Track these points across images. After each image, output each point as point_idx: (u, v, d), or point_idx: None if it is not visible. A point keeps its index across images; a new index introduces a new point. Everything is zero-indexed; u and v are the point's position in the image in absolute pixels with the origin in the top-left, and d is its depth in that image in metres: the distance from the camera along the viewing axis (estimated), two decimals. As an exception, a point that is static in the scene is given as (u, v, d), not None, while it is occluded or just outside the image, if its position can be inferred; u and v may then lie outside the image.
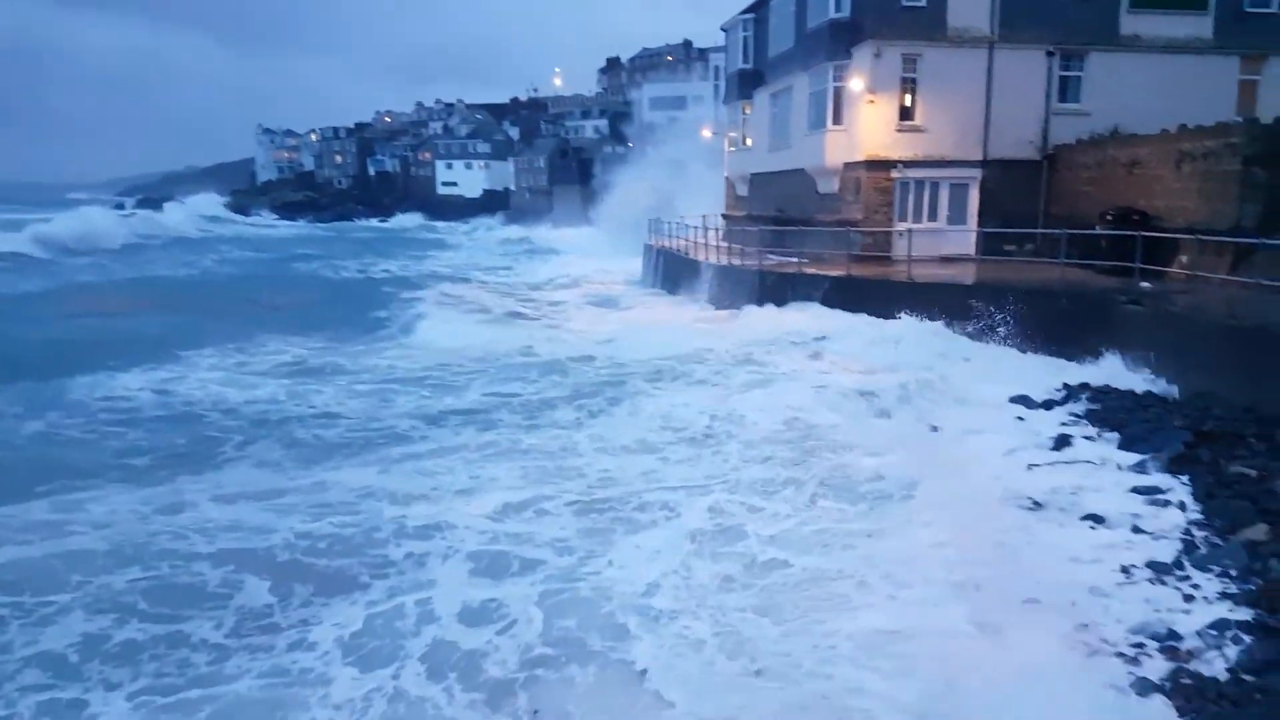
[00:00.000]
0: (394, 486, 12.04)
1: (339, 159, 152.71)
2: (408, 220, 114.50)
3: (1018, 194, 26.86)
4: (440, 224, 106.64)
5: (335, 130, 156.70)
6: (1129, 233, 19.72)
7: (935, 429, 14.63)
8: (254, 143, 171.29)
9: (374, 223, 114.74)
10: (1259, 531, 9.20)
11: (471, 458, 13.42)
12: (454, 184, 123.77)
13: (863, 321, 21.45)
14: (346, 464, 13.30)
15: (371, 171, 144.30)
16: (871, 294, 22.39)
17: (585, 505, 11.28)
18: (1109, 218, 22.38)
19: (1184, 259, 20.16)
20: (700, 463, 12.93)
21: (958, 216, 27.07)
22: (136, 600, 8.62)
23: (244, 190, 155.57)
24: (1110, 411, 14.55)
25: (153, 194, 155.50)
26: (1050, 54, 26.98)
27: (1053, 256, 23.16)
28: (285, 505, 11.23)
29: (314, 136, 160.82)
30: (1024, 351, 18.68)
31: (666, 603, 8.51)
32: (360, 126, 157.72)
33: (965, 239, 26.43)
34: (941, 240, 26.27)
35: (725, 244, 31.33)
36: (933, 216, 27.13)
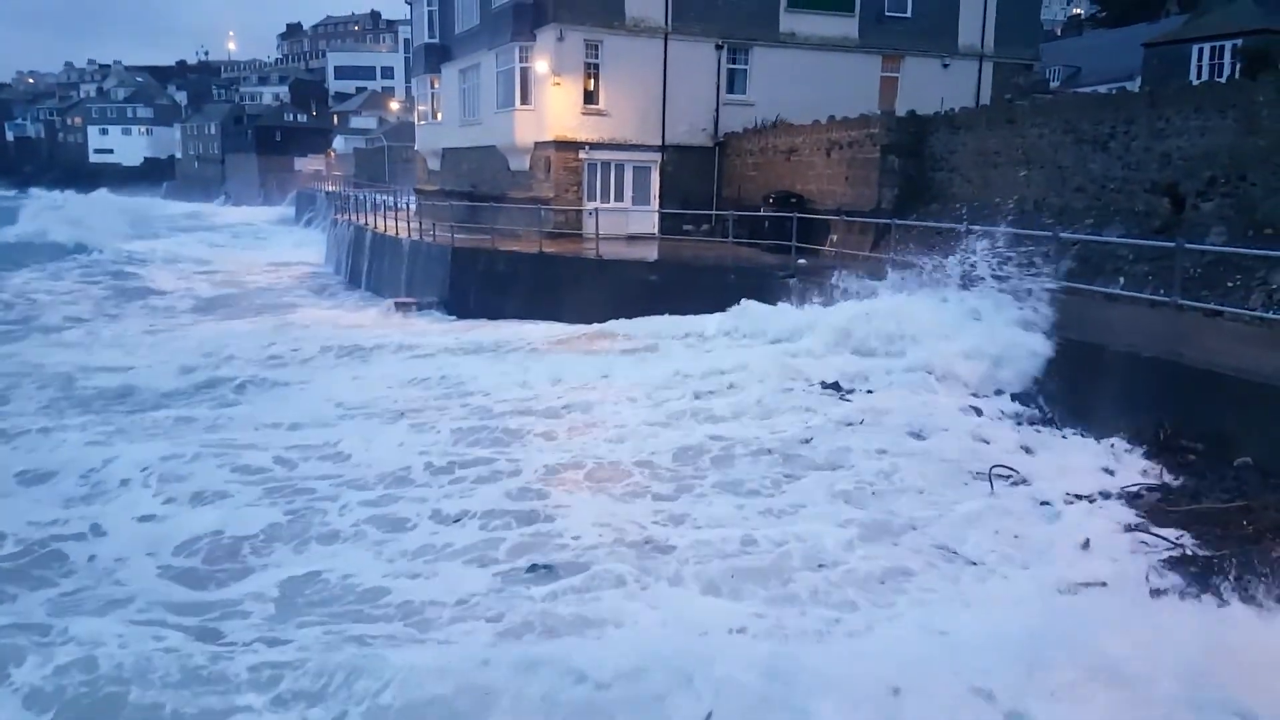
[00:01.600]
0: None
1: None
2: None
3: (694, 177, 28.63)
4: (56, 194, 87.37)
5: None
6: (786, 214, 21.71)
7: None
8: None
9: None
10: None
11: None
12: (109, 151, 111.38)
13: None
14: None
15: (10, 136, 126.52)
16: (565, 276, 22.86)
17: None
18: (771, 200, 24.48)
19: (834, 238, 22.56)
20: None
21: (642, 197, 28.38)
22: None
23: None
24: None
25: None
26: (719, 47, 28.83)
27: (725, 236, 25.13)
28: None
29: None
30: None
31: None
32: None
33: (649, 219, 27.81)
34: (628, 219, 27.47)
35: (420, 221, 30.59)
36: (619, 197, 28.24)
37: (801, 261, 20.82)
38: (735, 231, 24.59)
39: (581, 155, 27.68)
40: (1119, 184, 17.10)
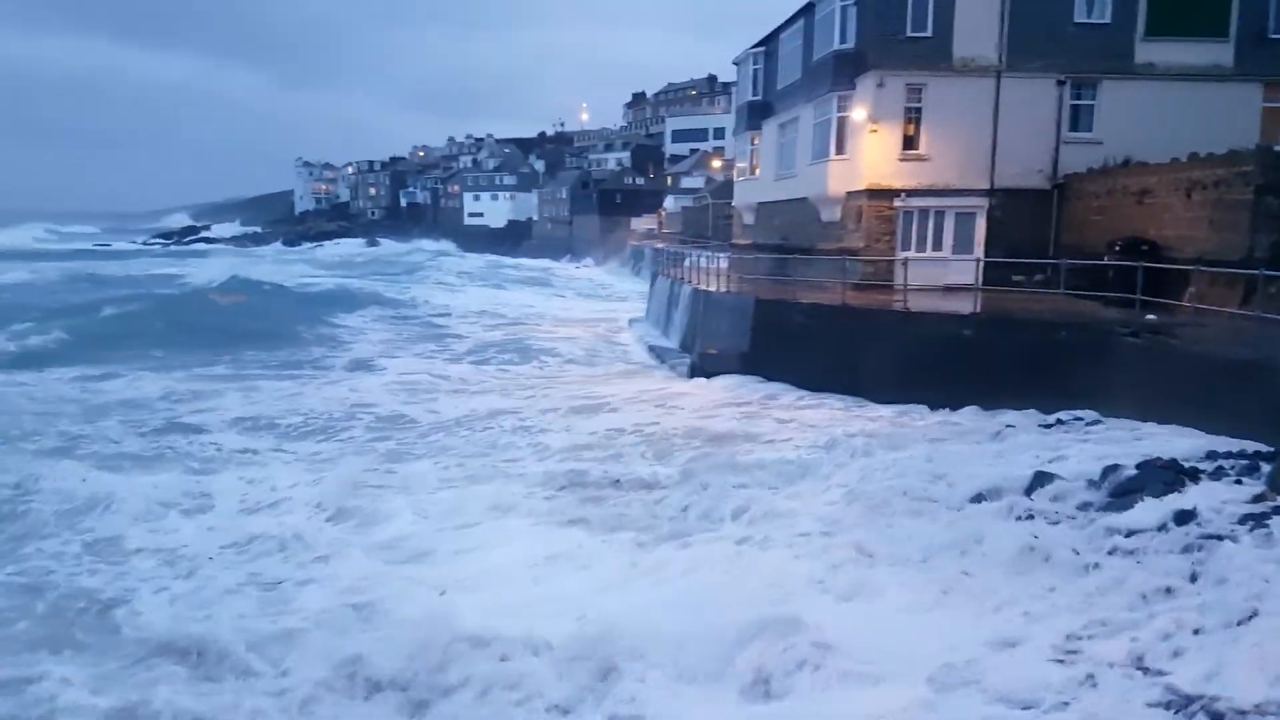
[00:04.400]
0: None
1: (373, 191, 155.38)
2: (427, 244, 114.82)
3: (1027, 223, 26.11)
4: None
5: (371, 164, 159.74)
6: (1131, 263, 18.96)
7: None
8: (293, 175, 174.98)
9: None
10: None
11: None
12: (480, 215, 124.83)
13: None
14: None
15: (403, 203, 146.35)
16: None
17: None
18: (1117, 248, 21.61)
19: (1192, 290, 19.33)
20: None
21: (963, 246, 26.35)
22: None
23: (280, 220, 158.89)
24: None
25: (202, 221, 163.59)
26: (1060, 83, 26.33)
27: (1060, 287, 22.51)
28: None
29: (350, 170, 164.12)
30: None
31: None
32: (394, 160, 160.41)
33: (971, 269, 25.70)
34: (947, 270, 25.59)
35: (730, 275, 30.58)
36: (937, 246, 26.49)
37: (1150, 317, 18.04)
38: (1072, 282, 21.96)
39: (896, 203, 26.34)
40: None
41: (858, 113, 26.84)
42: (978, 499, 12.21)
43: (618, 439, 18.16)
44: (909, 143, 26.48)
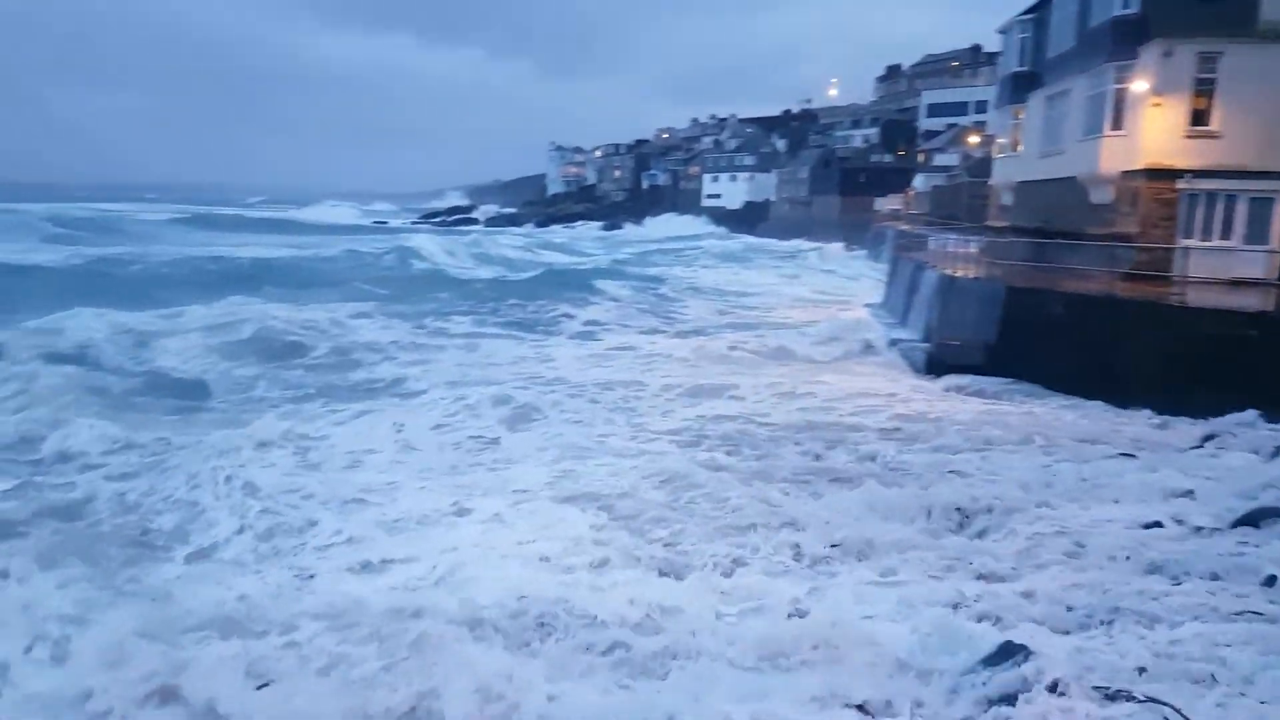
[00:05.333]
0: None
1: (617, 173, 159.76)
2: (665, 226, 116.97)
3: (1339, 211, 22.81)
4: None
5: (616, 147, 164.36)
6: None
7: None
8: (546, 159, 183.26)
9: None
10: None
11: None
12: (717, 196, 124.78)
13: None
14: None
15: (645, 185, 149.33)
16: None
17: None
18: None
19: None
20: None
21: (1257, 235, 23.34)
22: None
23: (533, 202, 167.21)
24: None
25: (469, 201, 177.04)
26: (1397, 48, 22.76)
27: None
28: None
29: (598, 153, 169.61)
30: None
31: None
32: (639, 143, 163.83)
33: (1264, 261, 22.79)
34: (1234, 261, 22.81)
35: (982, 259, 28.71)
36: (1225, 234, 23.62)
37: None
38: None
39: (1179, 185, 23.74)
40: None
41: (1139, 85, 24.50)
42: (1245, 521, 10.93)
43: (831, 429, 17.08)
44: (1198, 118, 23.83)
